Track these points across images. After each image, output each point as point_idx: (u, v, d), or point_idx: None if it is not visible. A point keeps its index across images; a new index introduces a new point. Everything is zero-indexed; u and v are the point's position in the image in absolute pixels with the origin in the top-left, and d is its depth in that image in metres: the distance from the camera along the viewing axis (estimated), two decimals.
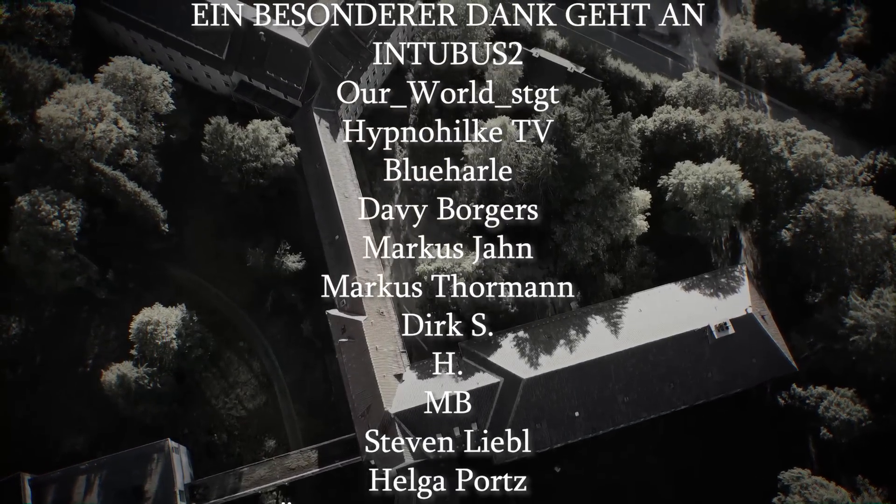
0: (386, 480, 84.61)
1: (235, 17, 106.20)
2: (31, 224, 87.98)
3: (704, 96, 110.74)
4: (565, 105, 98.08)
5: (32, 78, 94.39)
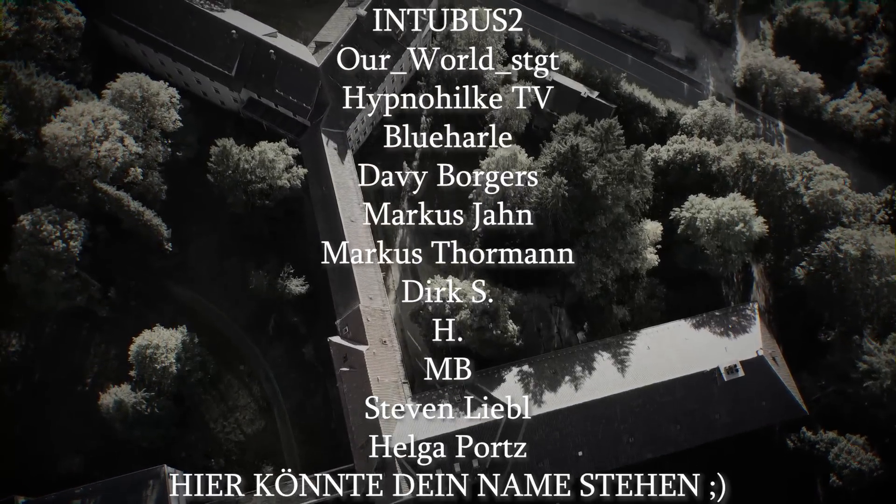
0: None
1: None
2: (32, 244, 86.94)
3: (720, 126, 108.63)
4: (577, 135, 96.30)
5: (38, 95, 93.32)
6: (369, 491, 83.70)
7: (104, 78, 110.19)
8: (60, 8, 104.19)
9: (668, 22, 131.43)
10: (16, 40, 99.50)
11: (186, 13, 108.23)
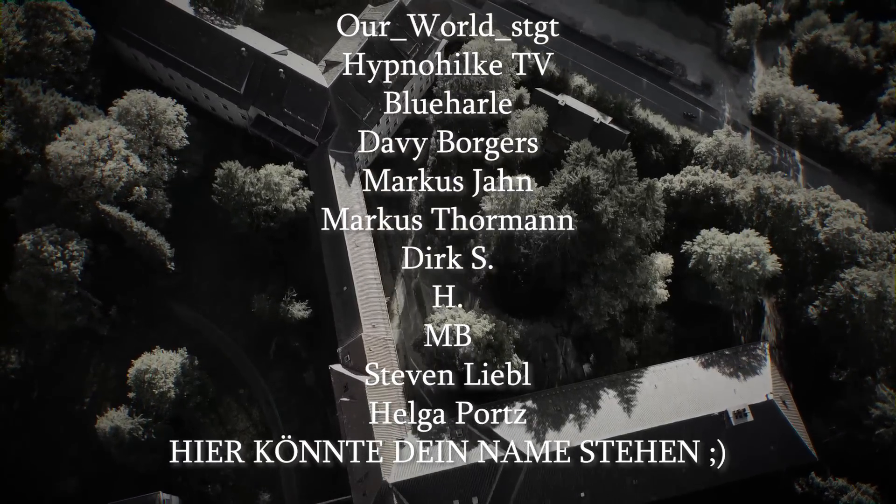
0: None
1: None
2: (32, 264, 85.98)
3: (735, 158, 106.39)
4: (589, 166, 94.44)
5: (44, 112, 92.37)
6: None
7: (113, 90, 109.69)
8: (70, 21, 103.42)
9: (685, 46, 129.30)
10: (24, 54, 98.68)
11: (196, 29, 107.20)
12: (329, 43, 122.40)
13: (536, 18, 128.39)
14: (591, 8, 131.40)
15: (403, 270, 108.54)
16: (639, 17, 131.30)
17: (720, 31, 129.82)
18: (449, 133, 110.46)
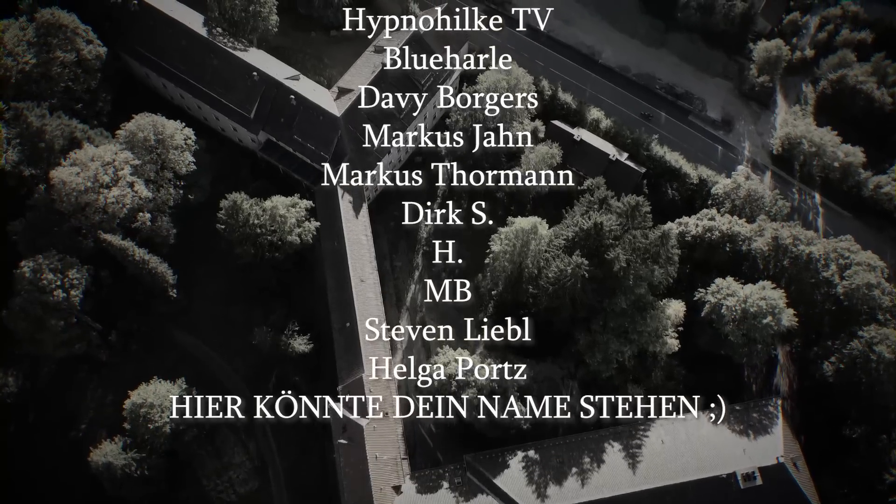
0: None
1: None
2: (31, 291, 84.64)
3: (753, 202, 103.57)
4: (602, 209, 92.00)
5: (49, 137, 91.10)
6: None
7: (124, 106, 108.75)
8: (81, 40, 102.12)
9: (706, 80, 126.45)
10: (33, 73, 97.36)
11: (208, 51, 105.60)
12: (343, 65, 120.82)
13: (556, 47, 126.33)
14: (612, 37, 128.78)
15: (409, 304, 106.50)
16: (659, 48, 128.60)
17: (743, 65, 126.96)
18: (462, 170, 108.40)
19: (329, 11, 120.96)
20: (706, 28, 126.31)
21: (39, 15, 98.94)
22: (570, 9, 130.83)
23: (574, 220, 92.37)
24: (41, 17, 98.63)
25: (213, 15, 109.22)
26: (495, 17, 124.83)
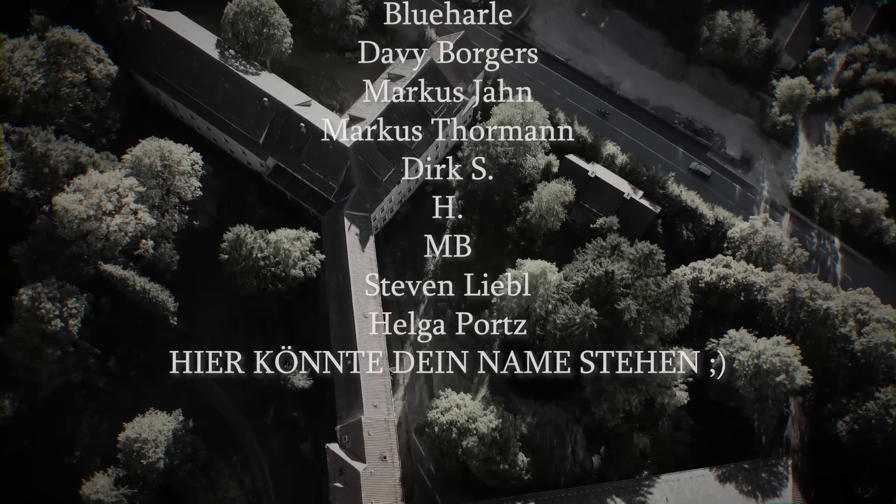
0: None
1: None
2: (29, 320, 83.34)
3: (770, 249, 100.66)
4: (614, 255, 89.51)
5: (54, 163, 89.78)
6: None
7: (134, 123, 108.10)
8: (92, 59, 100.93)
9: (727, 115, 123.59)
10: (42, 93, 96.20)
11: (220, 74, 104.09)
12: (357, 87, 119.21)
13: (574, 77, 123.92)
14: (632, 69, 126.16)
15: (413, 338, 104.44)
16: (680, 81, 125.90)
17: (765, 101, 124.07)
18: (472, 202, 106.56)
19: (344, 34, 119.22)
20: (729, 63, 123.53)
21: (50, 34, 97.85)
22: (589, 38, 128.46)
23: (585, 265, 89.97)
24: (52, 37, 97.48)
25: (227, 36, 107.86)
26: (532, 49, 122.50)
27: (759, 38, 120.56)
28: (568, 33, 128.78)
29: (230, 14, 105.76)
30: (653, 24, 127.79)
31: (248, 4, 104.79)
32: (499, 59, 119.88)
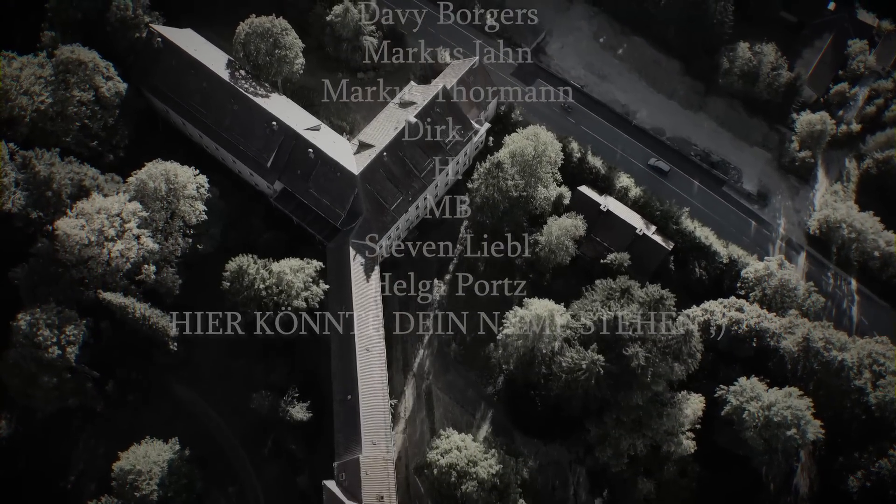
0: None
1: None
2: (26, 346, 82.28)
3: (785, 293, 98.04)
4: (624, 299, 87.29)
5: (57, 186, 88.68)
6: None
7: (142, 140, 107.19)
8: (101, 77, 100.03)
9: (744, 148, 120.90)
10: (49, 112, 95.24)
11: (229, 96, 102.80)
12: (367, 109, 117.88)
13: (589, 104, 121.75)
14: (649, 97, 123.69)
15: (416, 370, 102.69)
16: (697, 112, 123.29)
17: (784, 135, 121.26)
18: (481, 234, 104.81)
19: (357, 55, 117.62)
20: (748, 95, 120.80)
21: (59, 52, 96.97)
22: (606, 64, 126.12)
23: (594, 307, 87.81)
24: (61, 55, 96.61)
25: (238, 56, 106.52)
26: (565, 90, 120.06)
27: (780, 71, 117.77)
28: (584, 59, 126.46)
29: (241, 34, 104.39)
30: (672, 53, 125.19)
31: (259, 25, 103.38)
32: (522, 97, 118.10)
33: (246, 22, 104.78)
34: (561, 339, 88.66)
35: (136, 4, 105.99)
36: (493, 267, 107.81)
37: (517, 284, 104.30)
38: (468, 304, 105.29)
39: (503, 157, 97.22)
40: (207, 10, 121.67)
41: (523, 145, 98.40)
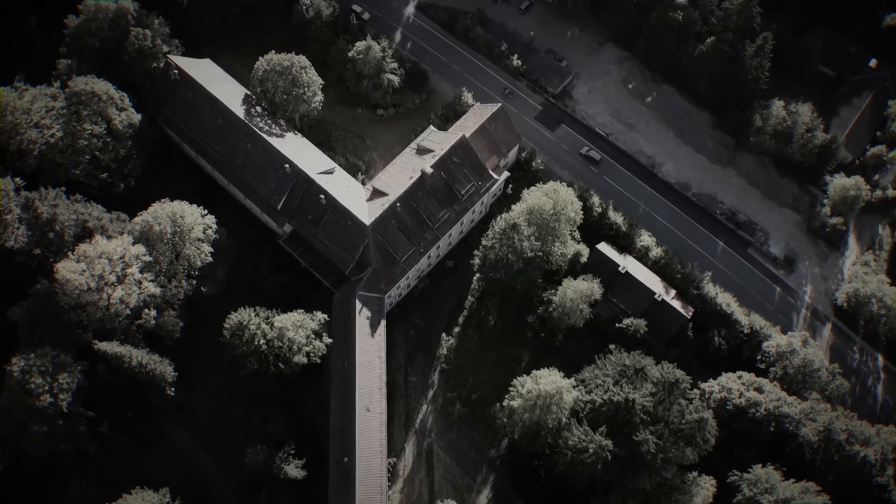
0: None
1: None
2: (18, 393, 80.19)
3: (807, 375, 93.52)
4: (638, 379, 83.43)
5: (60, 228, 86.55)
6: None
7: (156, 168, 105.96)
8: (114, 109, 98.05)
9: (773, 209, 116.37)
10: (59, 144, 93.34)
11: (244, 134, 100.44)
12: (385, 148, 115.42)
13: (613, 153, 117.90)
14: (676, 150, 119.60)
15: (418, 426, 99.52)
16: (726, 167, 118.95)
17: (815, 197, 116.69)
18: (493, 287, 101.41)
19: (377, 93, 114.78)
20: (780, 154, 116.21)
21: (73, 83, 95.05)
22: (634, 112, 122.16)
23: (605, 384, 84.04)
24: (74, 86, 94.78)
25: (256, 91, 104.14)
26: (588, 150, 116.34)
27: (815, 132, 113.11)
28: (612, 105, 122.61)
29: (259, 71, 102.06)
30: (702, 105, 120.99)
31: (278, 63, 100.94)
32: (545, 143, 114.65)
33: (265, 58, 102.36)
34: (569, 411, 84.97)
35: (154, 34, 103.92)
36: (504, 322, 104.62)
37: (528, 338, 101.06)
38: (476, 360, 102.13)
39: (519, 218, 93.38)
40: (230, 36, 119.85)
41: (542, 203, 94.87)
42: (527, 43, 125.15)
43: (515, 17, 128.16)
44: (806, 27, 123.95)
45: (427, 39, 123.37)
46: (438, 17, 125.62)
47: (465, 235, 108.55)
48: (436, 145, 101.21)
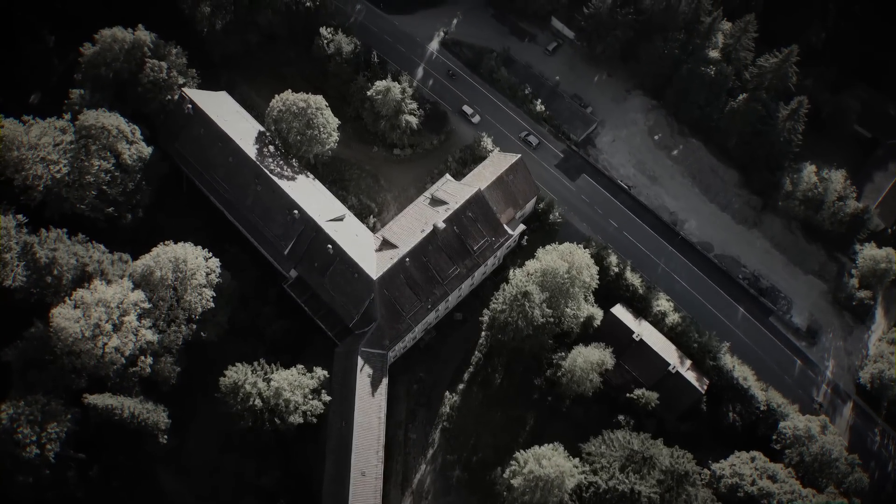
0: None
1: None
2: (5, 442, 78.07)
3: (825, 465, 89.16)
4: (646, 469, 79.67)
5: (58, 272, 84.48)
6: None
7: (165, 199, 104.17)
8: (124, 143, 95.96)
9: (798, 276, 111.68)
10: (65, 179, 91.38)
11: (254, 175, 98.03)
12: (399, 189, 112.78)
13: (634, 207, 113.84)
14: (700, 207, 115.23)
15: (415, 487, 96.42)
16: (751, 228, 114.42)
17: (843, 266, 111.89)
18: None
19: (395, 133, 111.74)
20: (809, 220, 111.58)
21: (83, 118, 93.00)
22: (659, 165, 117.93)
23: (612, 468, 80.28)
24: (84, 121, 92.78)
25: (270, 129, 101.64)
26: (610, 193, 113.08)
27: (846, 200, 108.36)
28: (636, 156, 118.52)
29: (274, 111, 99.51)
30: (731, 163, 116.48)
31: (293, 104, 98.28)
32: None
33: (280, 97, 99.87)
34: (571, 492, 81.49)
35: (171, 65, 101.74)
36: (511, 381, 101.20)
37: (534, 400, 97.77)
38: (479, 419, 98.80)
39: (531, 283, 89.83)
40: (249, 65, 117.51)
41: (556, 265, 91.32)
42: (552, 87, 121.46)
43: (542, 58, 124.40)
44: (843, 85, 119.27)
45: (449, 78, 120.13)
46: (463, 55, 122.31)
47: (475, 287, 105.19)
48: (450, 197, 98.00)
